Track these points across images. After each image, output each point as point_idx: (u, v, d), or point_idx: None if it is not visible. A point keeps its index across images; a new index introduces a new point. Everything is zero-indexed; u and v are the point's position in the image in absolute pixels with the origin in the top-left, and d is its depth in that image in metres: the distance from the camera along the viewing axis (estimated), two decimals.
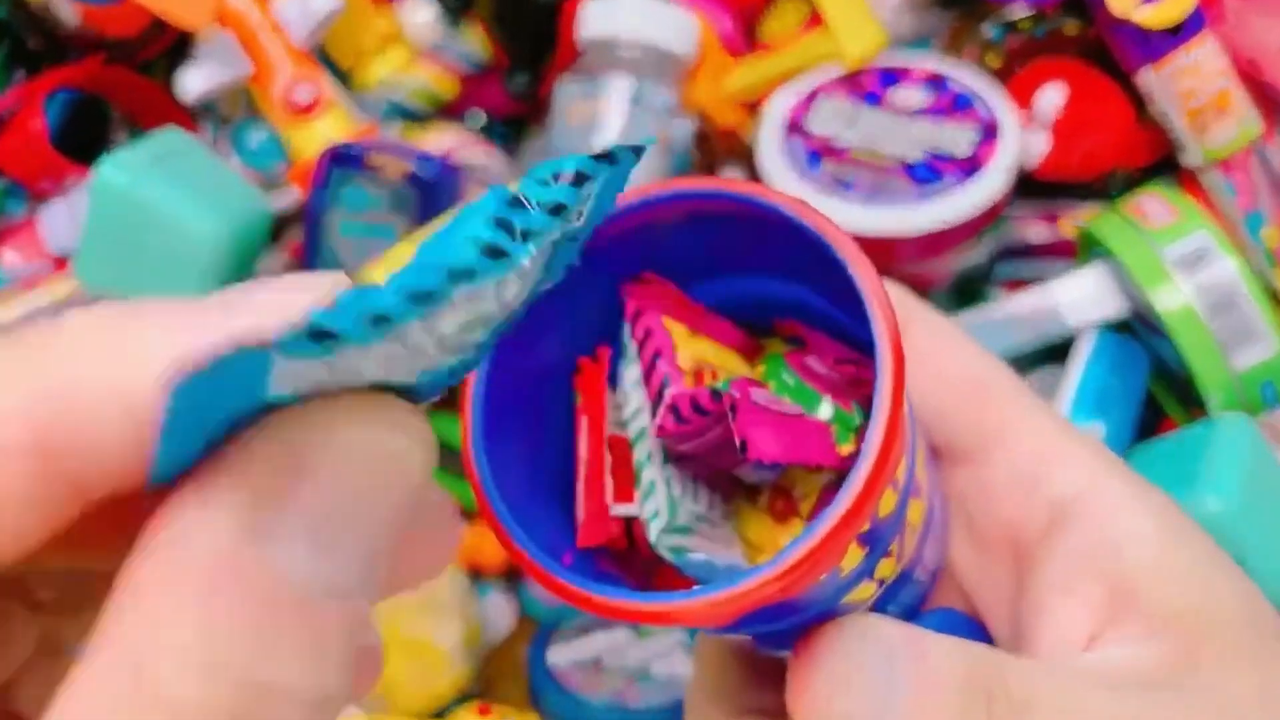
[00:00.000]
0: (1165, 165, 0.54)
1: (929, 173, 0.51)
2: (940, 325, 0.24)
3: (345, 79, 0.61)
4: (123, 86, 0.56)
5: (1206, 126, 0.50)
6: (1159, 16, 0.48)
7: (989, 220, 0.52)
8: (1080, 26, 0.54)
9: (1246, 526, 0.39)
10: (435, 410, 0.56)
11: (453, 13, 0.60)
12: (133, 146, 0.49)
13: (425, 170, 0.50)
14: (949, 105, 0.53)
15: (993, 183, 0.50)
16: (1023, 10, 0.55)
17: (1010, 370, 0.24)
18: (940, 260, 0.52)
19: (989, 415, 0.23)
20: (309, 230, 0.52)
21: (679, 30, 0.54)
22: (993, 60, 0.56)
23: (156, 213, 0.48)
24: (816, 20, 0.56)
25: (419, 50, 0.61)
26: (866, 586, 0.22)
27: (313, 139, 0.53)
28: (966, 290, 0.56)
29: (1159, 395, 0.53)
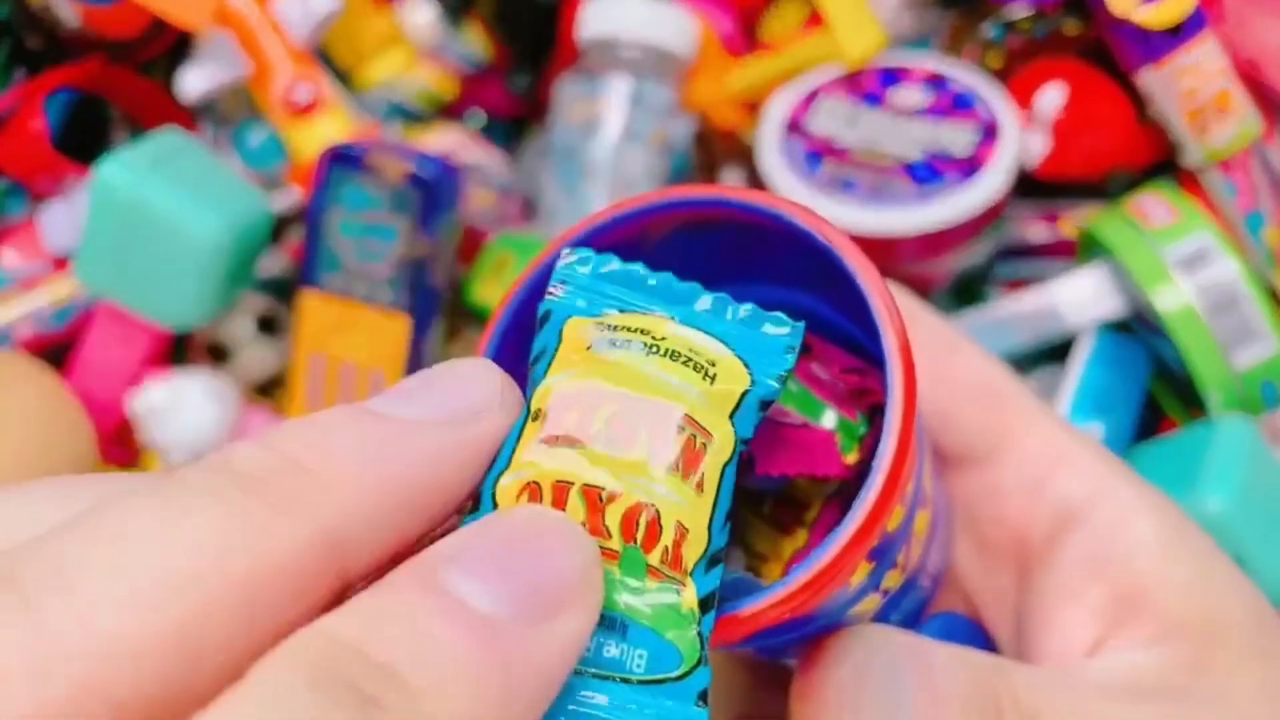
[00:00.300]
0: (1165, 165, 0.54)
1: (929, 173, 0.51)
2: (944, 329, 0.24)
3: (345, 79, 0.61)
4: (123, 86, 0.56)
5: (1206, 126, 0.50)
6: (1159, 16, 0.48)
7: (989, 220, 0.52)
8: (1080, 26, 0.54)
9: (1246, 526, 0.39)
10: None
11: (453, 13, 0.60)
12: (133, 147, 0.49)
13: (426, 170, 0.50)
14: (949, 105, 0.53)
15: (992, 182, 0.50)
16: (1023, 10, 0.55)
17: (1013, 373, 0.24)
18: (940, 260, 0.52)
19: (996, 419, 0.23)
20: (309, 230, 0.52)
21: (679, 30, 0.54)
22: (993, 60, 0.56)
23: (157, 213, 0.48)
24: (816, 20, 0.56)
25: (419, 50, 0.61)
26: (872, 598, 0.22)
27: (313, 139, 0.53)
28: (966, 290, 0.56)
29: (1159, 395, 0.53)
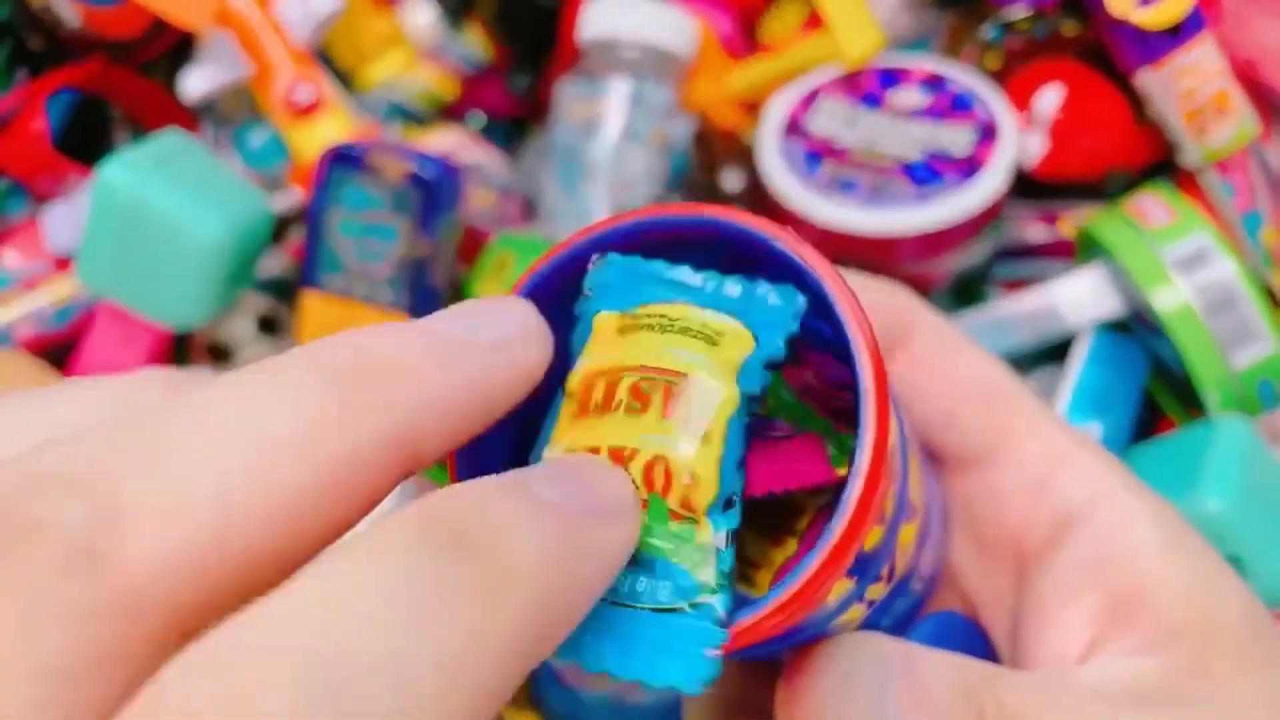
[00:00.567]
0: (1164, 166, 0.54)
1: (928, 173, 0.51)
2: (946, 329, 0.24)
3: (346, 80, 0.61)
4: (124, 87, 0.56)
5: (1205, 127, 0.50)
6: (1157, 17, 0.49)
7: (988, 220, 0.52)
8: (1079, 27, 0.54)
9: (1245, 526, 0.40)
10: None
11: (453, 14, 0.60)
12: (134, 148, 0.49)
13: (426, 170, 0.50)
14: (948, 106, 0.53)
15: (991, 183, 0.50)
16: (1021, 11, 0.55)
17: (1014, 374, 0.24)
18: (939, 260, 0.52)
19: (997, 420, 0.23)
20: (310, 231, 0.52)
21: (679, 31, 0.54)
22: (991, 61, 0.56)
23: (158, 214, 0.48)
24: (816, 21, 0.56)
25: (420, 51, 0.61)
26: (857, 609, 0.22)
27: (314, 140, 0.53)
28: (965, 290, 0.56)
29: (1157, 395, 0.53)
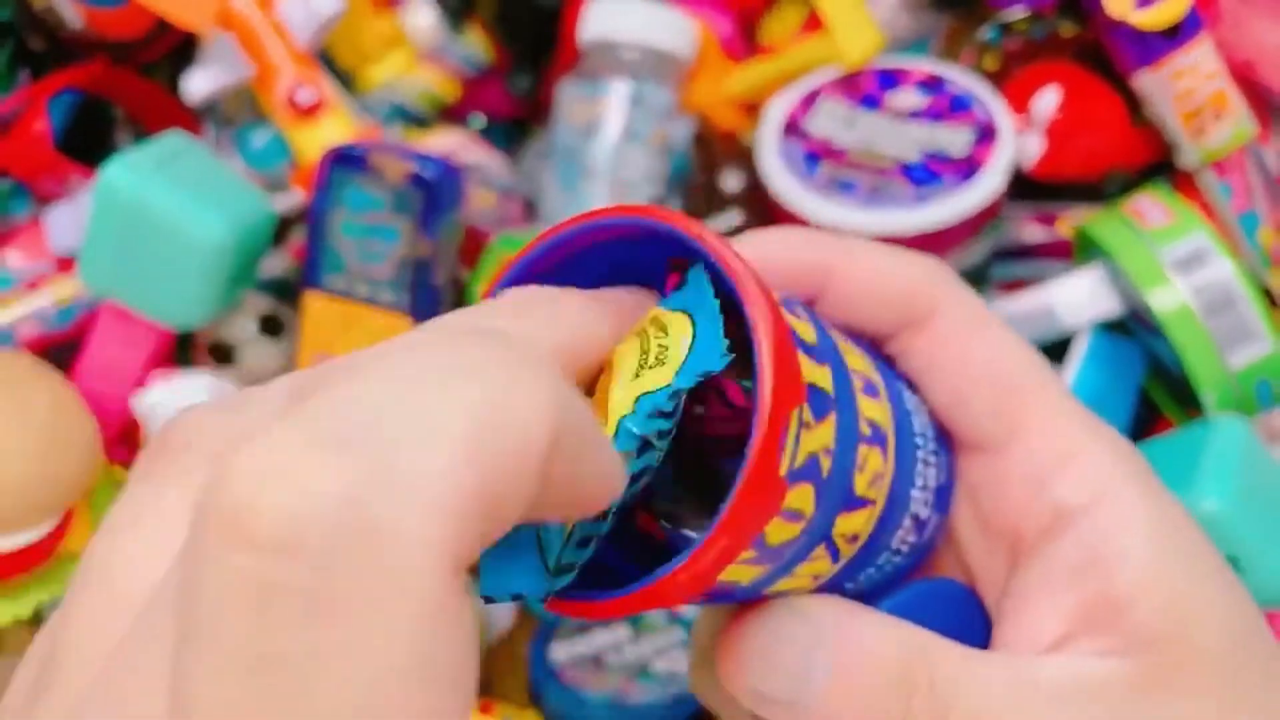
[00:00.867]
0: (1162, 166, 0.54)
1: (927, 174, 0.51)
2: (971, 309, 0.24)
3: (347, 81, 0.61)
4: (126, 88, 0.56)
5: (1202, 128, 0.50)
6: (1155, 18, 0.49)
7: (986, 221, 0.52)
8: (1077, 28, 0.55)
9: (1242, 526, 0.40)
10: None
11: (454, 16, 0.61)
12: (137, 149, 0.49)
13: (427, 171, 0.51)
14: (946, 107, 0.53)
15: (990, 184, 0.50)
16: (1019, 12, 0.55)
17: (1042, 363, 0.24)
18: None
19: (1007, 410, 0.23)
20: (312, 231, 0.52)
21: (679, 32, 0.55)
22: (990, 62, 0.56)
23: (160, 215, 0.48)
24: (815, 23, 0.57)
25: (420, 53, 0.61)
26: (793, 581, 0.22)
27: (316, 141, 0.53)
28: None
29: (1155, 395, 0.53)
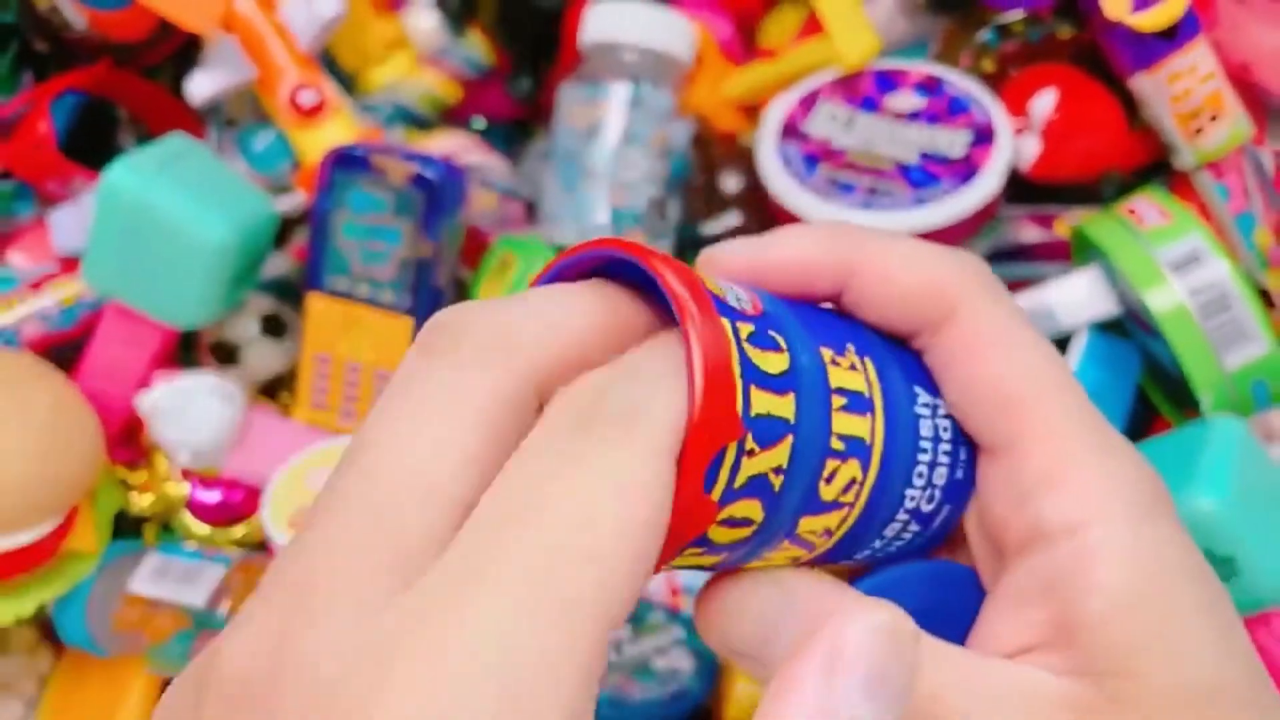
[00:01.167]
0: (1158, 168, 0.54)
1: (924, 175, 0.51)
2: (988, 317, 0.23)
3: (349, 83, 0.61)
4: (130, 90, 0.56)
5: (1199, 130, 0.51)
6: (1153, 20, 0.49)
7: (983, 221, 0.52)
8: (1074, 31, 0.55)
9: (1239, 525, 0.40)
10: None
11: (455, 19, 0.61)
12: (140, 151, 0.50)
13: (430, 172, 0.51)
14: (944, 109, 0.53)
15: (987, 185, 0.51)
16: (1017, 15, 0.55)
17: (1056, 376, 0.23)
18: None
19: (1006, 423, 0.23)
20: (314, 232, 0.52)
21: (679, 35, 0.55)
22: (987, 65, 0.56)
23: (163, 216, 0.48)
24: (813, 26, 0.57)
25: (422, 55, 0.61)
26: (764, 563, 0.22)
27: (318, 142, 0.54)
28: None
29: (1152, 395, 0.54)
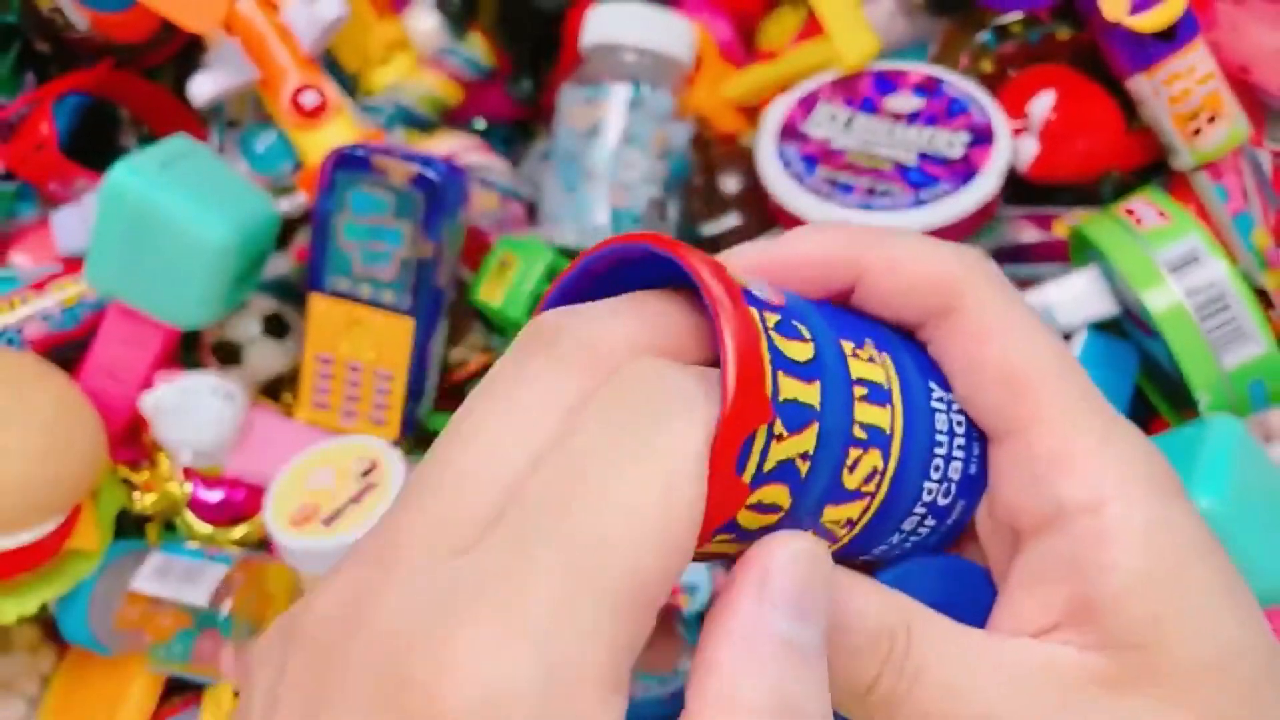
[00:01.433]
0: (1156, 169, 0.55)
1: (923, 176, 0.52)
2: (993, 307, 0.23)
3: (351, 85, 0.61)
4: (132, 91, 0.56)
5: (1197, 131, 0.51)
6: (1151, 21, 0.49)
7: (981, 221, 0.53)
8: (1072, 32, 0.55)
9: (1237, 525, 0.40)
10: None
11: (457, 20, 0.61)
12: (143, 152, 0.50)
13: (431, 173, 0.51)
14: (943, 110, 0.54)
15: (986, 185, 0.51)
16: (1015, 16, 0.56)
17: (1061, 362, 0.23)
18: None
19: (1013, 408, 0.23)
20: (316, 233, 0.52)
21: (679, 37, 0.55)
22: (986, 66, 0.56)
23: (165, 217, 0.49)
24: (813, 28, 0.57)
25: (423, 57, 0.61)
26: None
27: (320, 143, 0.54)
28: None
29: (1150, 395, 0.54)
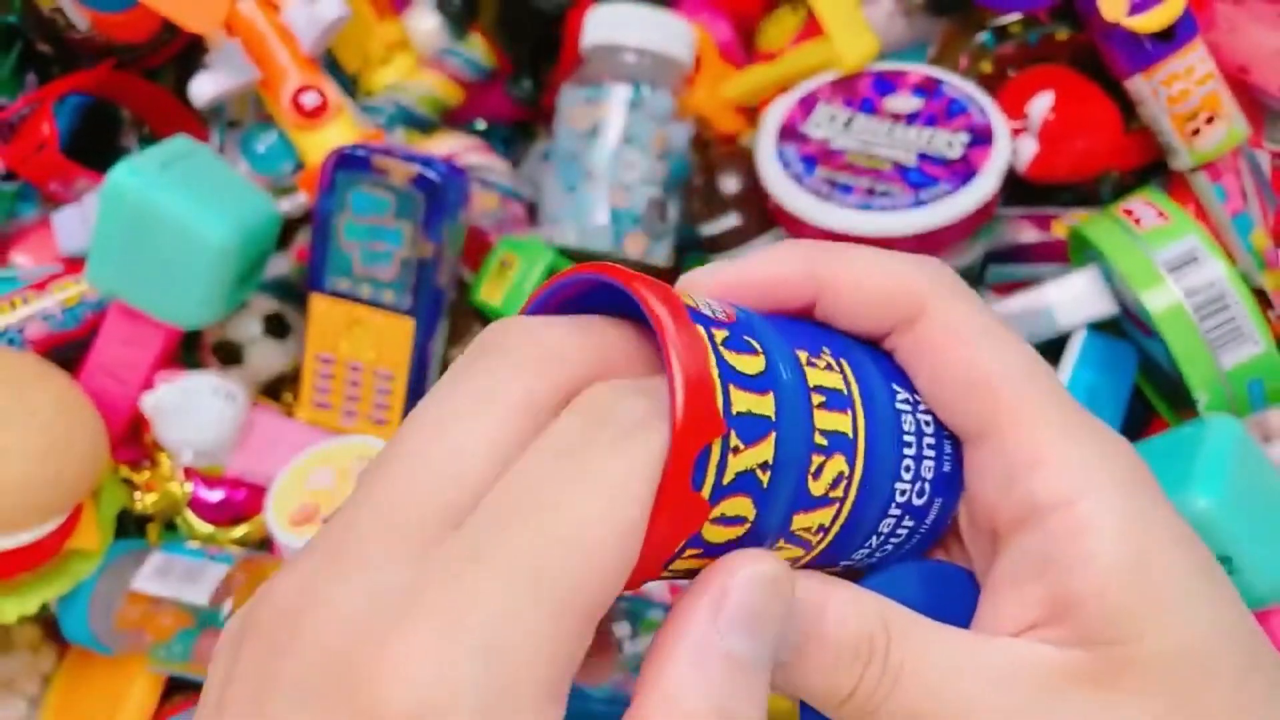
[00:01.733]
0: (1155, 169, 0.55)
1: (922, 176, 0.52)
2: (957, 314, 0.24)
3: (352, 85, 0.61)
4: (133, 91, 0.56)
5: (1196, 131, 0.51)
6: (1150, 22, 0.49)
7: (980, 221, 0.53)
8: (1071, 33, 0.55)
9: (1235, 525, 0.41)
10: None
11: (457, 21, 0.61)
12: (144, 152, 0.50)
13: (431, 173, 0.51)
14: (942, 111, 0.54)
15: (985, 185, 0.51)
16: (1014, 17, 0.56)
17: (1029, 365, 0.24)
18: None
19: (985, 410, 0.23)
20: (316, 233, 0.52)
21: (678, 37, 0.55)
22: (985, 66, 0.57)
23: (167, 217, 0.49)
24: (812, 29, 0.57)
25: (424, 57, 0.61)
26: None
27: (320, 144, 0.54)
28: None
29: (1149, 395, 0.54)
